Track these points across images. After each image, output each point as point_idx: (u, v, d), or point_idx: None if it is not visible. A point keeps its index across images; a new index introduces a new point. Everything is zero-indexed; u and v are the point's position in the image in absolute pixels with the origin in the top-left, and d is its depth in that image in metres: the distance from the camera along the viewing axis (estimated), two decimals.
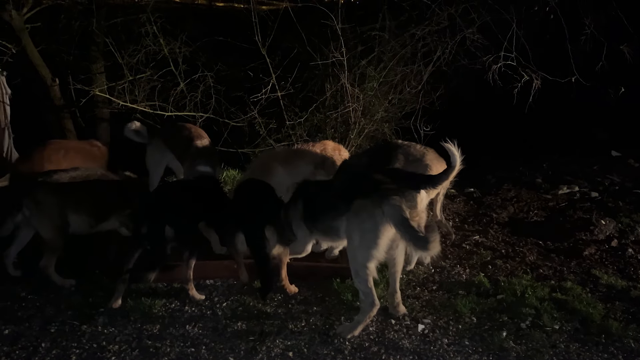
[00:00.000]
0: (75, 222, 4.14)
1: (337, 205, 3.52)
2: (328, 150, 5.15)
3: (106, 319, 3.54)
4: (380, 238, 3.33)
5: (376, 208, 3.29)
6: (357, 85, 7.20)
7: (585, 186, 6.91)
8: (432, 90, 7.25)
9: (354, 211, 3.39)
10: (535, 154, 8.21)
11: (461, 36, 6.54)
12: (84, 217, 4.18)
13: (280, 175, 4.76)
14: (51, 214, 4.00)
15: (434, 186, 3.91)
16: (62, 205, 4.04)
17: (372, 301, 3.46)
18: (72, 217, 4.11)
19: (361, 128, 7.43)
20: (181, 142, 5.31)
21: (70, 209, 4.10)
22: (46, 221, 3.99)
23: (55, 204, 4.01)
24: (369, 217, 3.32)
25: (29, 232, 4.16)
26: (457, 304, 3.86)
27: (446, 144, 3.66)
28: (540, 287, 4.13)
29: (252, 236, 3.69)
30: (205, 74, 7.08)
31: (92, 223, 4.25)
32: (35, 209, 3.97)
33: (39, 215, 3.98)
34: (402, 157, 4.70)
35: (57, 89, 7.28)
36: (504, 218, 5.96)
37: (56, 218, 4.02)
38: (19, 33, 6.79)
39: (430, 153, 4.72)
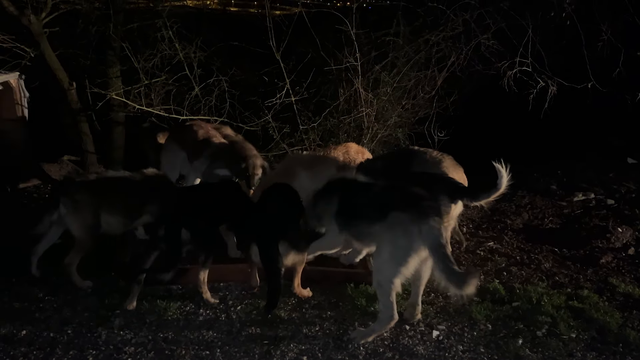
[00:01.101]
0: (108, 222, 4.21)
1: (372, 212, 3.42)
2: (351, 154, 5.14)
3: (122, 321, 3.57)
4: (412, 257, 3.23)
5: (413, 225, 3.19)
6: (370, 90, 7.21)
7: (601, 193, 6.83)
8: (446, 95, 7.24)
9: (389, 223, 3.29)
10: (549, 160, 8.15)
11: (476, 42, 6.52)
12: (117, 217, 4.25)
13: (304, 180, 4.75)
14: (86, 213, 4.08)
15: (472, 200, 3.93)
16: (97, 205, 4.13)
17: (391, 315, 3.38)
18: (105, 218, 4.19)
19: (374, 133, 7.44)
20: (195, 143, 5.35)
21: (104, 210, 4.18)
22: (80, 220, 4.07)
23: (90, 203, 4.10)
24: (404, 233, 3.22)
25: (59, 231, 4.25)
26: (472, 311, 3.83)
27: (497, 164, 3.68)
28: (557, 295, 4.09)
29: (265, 251, 3.62)
30: (219, 78, 7.14)
31: (126, 223, 4.32)
32: (71, 207, 4.06)
33: (74, 213, 4.06)
34: (419, 163, 4.70)
35: (74, 93, 7.37)
36: (519, 225, 5.92)
37: (90, 218, 4.10)
38: (38, 37, 6.89)
39: (447, 160, 4.69)
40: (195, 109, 7.16)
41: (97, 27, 7.48)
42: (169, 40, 7.04)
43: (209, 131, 5.49)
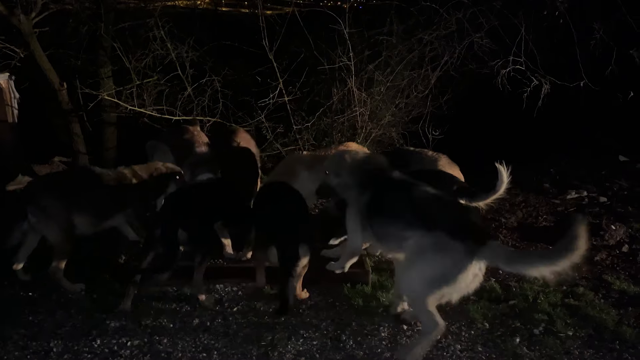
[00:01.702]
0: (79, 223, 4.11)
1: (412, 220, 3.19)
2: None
3: (117, 323, 3.53)
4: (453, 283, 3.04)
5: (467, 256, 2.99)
6: (364, 89, 7.21)
7: (594, 191, 6.87)
8: (439, 94, 7.25)
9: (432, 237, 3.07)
10: (541, 158, 8.19)
11: (469, 41, 6.53)
12: (87, 218, 4.15)
13: (305, 180, 4.75)
14: (57, 218, 3.96)
15: (470, 200, 3.95)
16: (66, 207, 4.01)
17: (435, 323, 3.15)
18: (76, 219, 4.09)
19: (368, 132, 7.44)
20: (182, 147, 5.29)
21: (75, 211, 4.07)
22: (52, 226, 3.95)
23: (59, 207, 3.97)
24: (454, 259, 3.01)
25: (36, 237, 4.12)
26: (469, 310, 3.84)
27: (499, 165, 3.67)
28: (552, 293, 4.11)
29: (287, 253, 3.57)
30: (212, 78, 7.10)
31: (95, 223, 4.22)
32: (40, 215, 3.93)
33: (44, 221, 3.94)
34: (415, 162, 4.72)
35: (65, 93, 7.28)
36: (513, 223, 5.94)
37: (62, 221, 3.98)
38: (28, 37, 6.79)
39: (443, 158, 4.74)
40: (188, 109, 7.12)
41: (87, 26, 7.41)
42: (160, 40, 6.99)
43: (193, 137, 5.42)
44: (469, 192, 4.01)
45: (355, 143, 5.60)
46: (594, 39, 5.97)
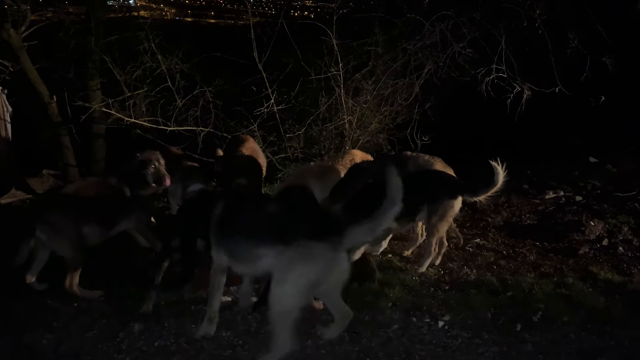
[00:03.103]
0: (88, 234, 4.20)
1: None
2: (357, 160, 5.37)
3: (141, 325, 3.63)
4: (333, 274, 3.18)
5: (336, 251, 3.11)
6: (351, 97, 7.48)
7: (569, 191, 7.26)
8: (424, 101, 7.58)
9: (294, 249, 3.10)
10: (519, 160, 8.58)
11: (452, 51, 6.88)
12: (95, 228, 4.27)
13: (316, 190, 4.94)
14: (67, 233, 4.04)
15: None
16: (75, 222, 4.10)
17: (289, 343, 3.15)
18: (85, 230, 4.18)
19: (356, 139, 7.70)
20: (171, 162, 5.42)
21: (83, 223, 4.17)
22: (64, 241, 4.03)
23: (69, 222, 4.06)
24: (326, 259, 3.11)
25: (46, 252, 4.17)
26: (471, 301, 4.08)
27: (493, 162, 3.95)
28: (545, 284, 4.40)
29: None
30: (203, 89, 7.24)
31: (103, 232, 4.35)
32: (50, 232, 3.99)
33: (55, 237, 4.01)
34: (412, 166, 5.01)
35: (55, 106, 7.32)
36: (499, 222, 6.27)
37: (73, 236, 4.06)
38: (17, 51, 6.84)
39: (438, 162, 5.05)
40: (180, 119, 7.23)
41: (77, 40, 7.46)
42: (151, 52, 7.10)
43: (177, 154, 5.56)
44: (471, 189, 4.33)
45: (360, 151, 5.84)
46: (569, 48, 6.41)
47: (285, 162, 7.71)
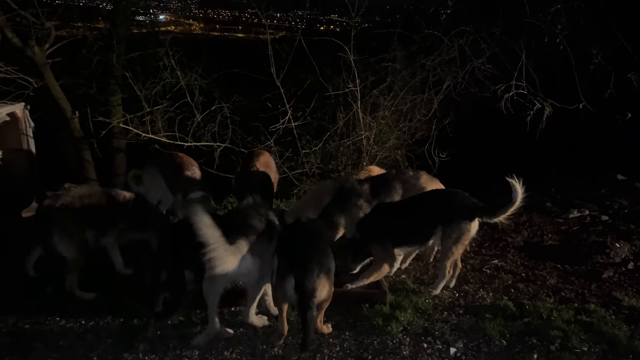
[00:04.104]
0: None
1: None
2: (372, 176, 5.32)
3: (146, 346, 3.60)
4: None
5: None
6: (368, 113, 7.41)
7: (595, 210, 7.03)
8: (443, 117, 7.46)
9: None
10: (542, 178, 8.37)
11: (471, 66, 6.77)
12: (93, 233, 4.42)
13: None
14: (74, 236, 4.26)
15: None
16: (82, 225, 4.30)
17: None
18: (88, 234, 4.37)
19: (373, 155, 7.61)
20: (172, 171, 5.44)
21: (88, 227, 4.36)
22: (71, 244, 4.24)
23: (76, 226, 4.27)
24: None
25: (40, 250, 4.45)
26: (485, 327, 3.94)
27: (510, 179, 3.84)
28: (565, 310, 4.21)
29: (305, 284, 3.35)
30: (221, 105, 7.28)
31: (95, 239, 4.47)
32: (62, 235, 4.21)
33: (66, 239, 4.22)
34: (399, 183, 4.94)
35: (77, 122, 7.46)
36: (519, 242, 6.07)
37: (78, 238, 4.28)
38: (41, 68, 7.00)
39: (424, 176, 5.01)
40: (198, 135, 7.27)
41: (99, 56, 7.61)
42: (170, 68, 7.19)
43: (183, 161, 5.55)
44: (488, 209, 4.19)
45: (376, 167, 5.77)
46: (592, 64, 6.22)
47: (302, 178, 7.67)
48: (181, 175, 5.30)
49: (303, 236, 3.69)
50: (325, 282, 3.43)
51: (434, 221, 4.33)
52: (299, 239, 3.67)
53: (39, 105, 7.43)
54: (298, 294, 3.35)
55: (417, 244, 4.55)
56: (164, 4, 35.58)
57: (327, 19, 30.94)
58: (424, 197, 4.67)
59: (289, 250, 3.57)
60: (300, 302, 3.35)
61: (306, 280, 3.33)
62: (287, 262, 3.49)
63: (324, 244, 3.64)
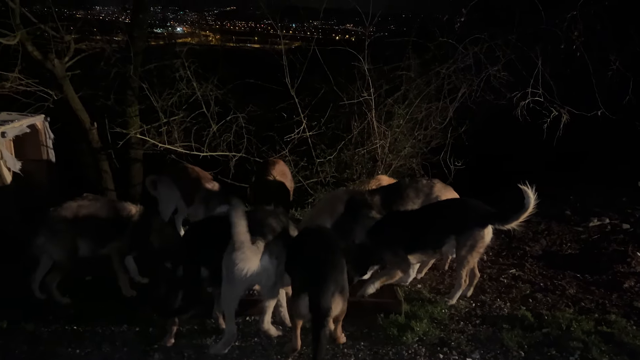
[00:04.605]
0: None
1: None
2: (383, 185, 5.30)
3: (161, 355, 3.62)
4: None
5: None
6: (383, 122, 7.40)
7: (616, 218, 6.89)
8: (458, 125, 7.41)
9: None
10: (561, 186, 8.24)
11: (486, 74, 6.73)
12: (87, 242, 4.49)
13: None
14: (62, 239, 4.35)
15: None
16: (73, 231, 4.39)
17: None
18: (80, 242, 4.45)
19: (388, 164, 7.59)
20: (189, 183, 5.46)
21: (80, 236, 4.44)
22: (58, 245, 4.36)
23: (66, 230, 4.36)
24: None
25: (49, 259, 4.46)
26: (503, 338, 3.87)
27: (522, 186, 3.82)
28: (585, 321, 4.13)
29: (320, 300, 3.28)
30: (237, 115, 7.34)
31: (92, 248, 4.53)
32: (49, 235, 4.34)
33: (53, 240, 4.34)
34: (413, 192, 4.91)
35: (95, 133, 7.58)
36: (538, 251, 5.98)
37: (68, 243, 4.37)
38: (61, 80, 7.13)
39: (437, 184, 4.98)
40: (214, 144, 7.33)
41: (117, 68, 7.73)
42: (187, 80, 7.27)
43: (198, 173, 5.59)
44: (501, 217, 4.16)
45: (386, 176, 5.76)
46: (610, 70, 6.14)
47: (316, 187, 7.67)
48: (200, 187, 5.33)
49: (318, 250, 3.58)
50: (339, 300, 3.36)
51: (447, 230, 4.30)
52: (314, 253, 3.57)
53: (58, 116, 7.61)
54: (312, 313, 3.30)
55: (429, 252, 4.50)
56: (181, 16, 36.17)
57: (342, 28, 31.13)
58: (437, 206, 4.64)
59: (303, 265, 3.51)
60: (314, 320, 3.30)
61: (321, 300, 3.26)
62: (302, 280, 3.44)
63: (340, 259, 3.53)
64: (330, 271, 3.38)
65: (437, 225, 4.33)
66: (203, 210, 5.14)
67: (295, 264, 3.59)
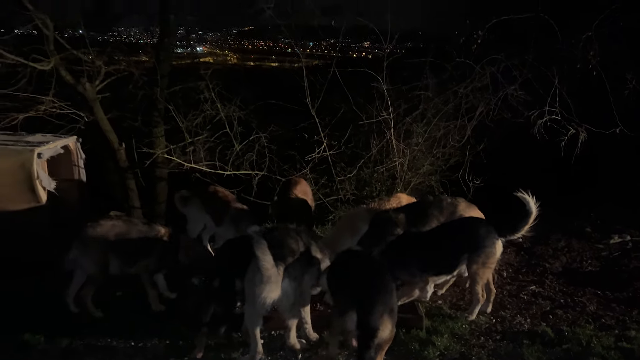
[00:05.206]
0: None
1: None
2: (403, 204, 5.42)
3: None
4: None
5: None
6: (402, 140, 7.54)
7: (637, 235, 6.88)
8: (476, 143, 7.51)
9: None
10: (581, 203, 8.24)
11: (503, 93, 6.84)
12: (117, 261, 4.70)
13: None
14: (94, 252, 4.59)
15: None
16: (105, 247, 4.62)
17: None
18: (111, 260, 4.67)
19: (407, 181, 7.70)
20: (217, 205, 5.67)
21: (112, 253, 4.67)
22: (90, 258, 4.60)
23: (98, 245, 4.60)
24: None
25: (83, 273, 4.68)
26: (523, 353, 3.94)
27: (519, 193, 3.94)
28: (605, 337, 4.17)
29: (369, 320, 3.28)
30: (259, 135, 7.55)
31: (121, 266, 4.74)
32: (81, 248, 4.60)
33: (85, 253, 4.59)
34: (437, 211, 5.00)
35: (123, 152, 7.86)
36: (558, 268, 6.01)
37: (101, 258, 4.61)
38: (92, 103, 7.45)
39: (462, 203, 5.05)
40: (237, 163, 7.53)
41: (144, 91, 8.03)
42: (211, 101, 7.52)
43: (227, 195, 5.83)
44: (509, 228, 4.28)
45: (405, 195, 5.87)
46: (627, 89, 6.21)
47: (336, 204, 7.81)
48: (229, 208, 5.55)
49: (366, 272, 3.62)
50: (388, 322, 3.34)
51: (460, 249, 4.41)
52: (363, 274, 3.61)
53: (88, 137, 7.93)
54: (359, 331, 3.31)
55: (444, 274, 4.60)
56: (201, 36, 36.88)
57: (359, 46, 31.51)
58: (446, 226, 4.75)
59: (352, 286, 3.54)
60: (360, 340, 3.31)
61: (370, 318, 3.26)
62: (349, 298, 3.43)
63: (389, 282, 3.55)
64: (380, 293, 3.40)
65: (449, 246, 4.43)
66: (233, 231, 5.33)
67: (342, 285, 3.63)
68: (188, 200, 5.94)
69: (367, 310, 3.29)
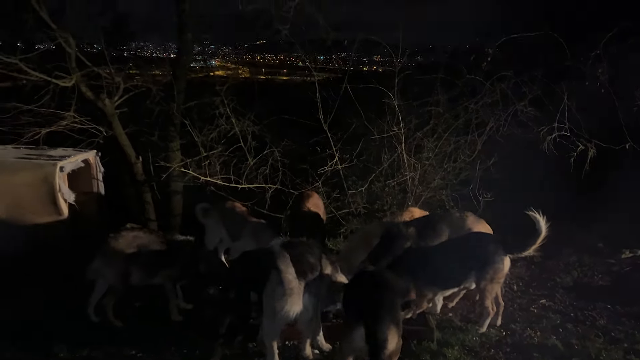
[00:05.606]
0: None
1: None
2: (416, 217, 5.53)
3: None
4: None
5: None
6: (413, 155, 7.65)
7: None
8: (487, 158, 7.59)
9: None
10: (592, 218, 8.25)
11: (513, 109, 6.94)
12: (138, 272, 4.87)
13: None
14: (116, 263, 4.76)
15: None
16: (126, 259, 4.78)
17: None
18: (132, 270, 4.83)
19: (418, 195, 7.79)
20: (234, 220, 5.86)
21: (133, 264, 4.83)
22: (112, 269, 4.77)
23: (120, 257, 4.76)
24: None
25: (104, 283, 4.85)
26: None
27: (530, 212, 4.03)
28: (614, 350, 4.23)
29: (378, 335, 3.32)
30: (272, 149, 7.70)
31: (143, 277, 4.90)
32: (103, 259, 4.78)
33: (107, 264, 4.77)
34: (446, 226, 5.10)
35: (140, 166, 8.03)
36: (569, 282, 6.06)
37: (122, 268, 4.77)
38: (110, 118, 7.64)
39: (470, 217, 5.13)
40: (251, 177, 7.68)
41: (160, 106, 8.22)
42: (226, 116, 7.69)
43: (243, 210, 6.03)
44: (518, 246, 4.36)
45: (417, 209, 5.97)
46: (636, 106, 6.28)
47: (348, 217, 7.92)
48: (246, 223, 5.72)
49: (373, 286, 3.68)
50: (394, 332, 3.38)
51: (467, 265, 4.49)
52: (369, 289, 3.67)
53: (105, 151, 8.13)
54: (369, 345, 3.33)
55: (450, 288, 4.69)
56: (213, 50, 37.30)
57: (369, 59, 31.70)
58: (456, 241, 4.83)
59: (358, 300, 3.60)
60: (371, 353, 3.32)
61: (377, 330, 3.30)
62: (356, 313, 3.49)
63: (396, 300, 3.60)
64: (384, 306, 3.46)
65: (457, 263, 4.52)
66: (253, 245, 5.47)
67: (351, 302, 3.71)
68: (208, 212, 6.12)
69: (374, 322, 3.34)
